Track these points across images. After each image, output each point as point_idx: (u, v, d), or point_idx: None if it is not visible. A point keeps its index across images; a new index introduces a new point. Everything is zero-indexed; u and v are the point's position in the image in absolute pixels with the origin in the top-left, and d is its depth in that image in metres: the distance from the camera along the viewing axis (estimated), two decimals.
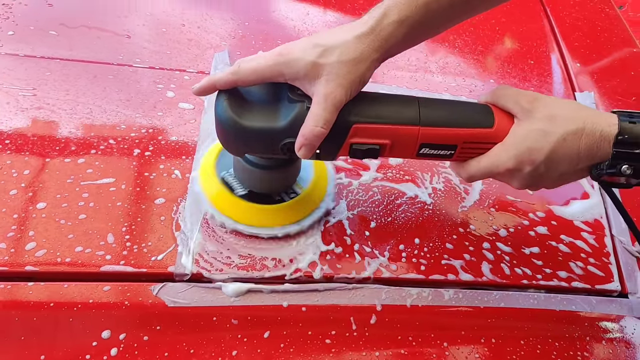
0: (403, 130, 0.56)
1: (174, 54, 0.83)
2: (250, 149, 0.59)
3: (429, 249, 0.68)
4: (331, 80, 0.52)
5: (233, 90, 0.57)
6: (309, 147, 0.55)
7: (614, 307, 0.68)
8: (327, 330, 0.60)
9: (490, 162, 0.58)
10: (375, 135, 0.56)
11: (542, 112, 0.55)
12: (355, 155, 0.58)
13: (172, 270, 0.60)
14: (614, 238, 0.74)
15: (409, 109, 0.57)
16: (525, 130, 0.55)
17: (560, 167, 0.55)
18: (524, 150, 0.55)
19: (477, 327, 0.63)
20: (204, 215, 0.65)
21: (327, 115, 0.53)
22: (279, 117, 0.56)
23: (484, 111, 0.58)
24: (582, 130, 0.54)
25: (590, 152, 0.54)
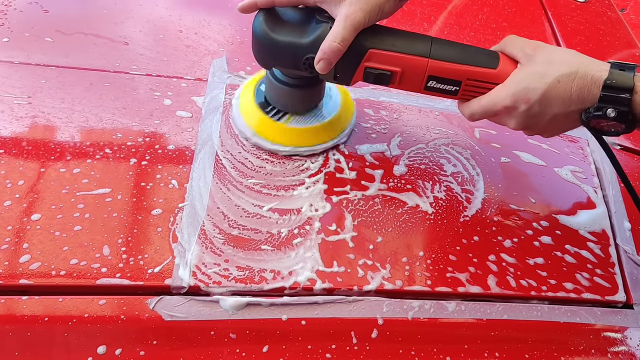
0: (413, 61, 0.62)
1: (172, 60, 0.82)
2: (277, 61, 0.66)
3: (432, 260, 0.66)
4: (354, 3, 0.59)
5: (271, 9, 0.64)
6: (326, 61, 0.61)
7: (619, 319, 0.67)
8: (327, 344, 0.58)
9: (489, 99, 0.62)
10: (387, 61, 0.63)
11: (542, 57, 0.60)
12: (367, 78, 0.64)
13: (169, 283, 0.59)
14: (618, 247, 0.73)
15: (421, 43, 0.63)
16: (525, 73, 0.60)
17: (553, 108, 0.59)
18: (521, 89, 0.60)
19: (480, 341, 0.62)
20: (202, 225, 0.64)
21: (345, 34, 0.59)
22: (305, 35, 0.63)
23: (490, 55, 0.64)
24: (575, 73, 0.58)
25: (581, 94, 0.58)
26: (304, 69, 0.65)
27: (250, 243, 0.64)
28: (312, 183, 0.70)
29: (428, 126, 0.81)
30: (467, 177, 0.76)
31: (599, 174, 0.82)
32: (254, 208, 0.67)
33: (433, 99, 0.86)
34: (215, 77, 0.81)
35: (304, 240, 0.65)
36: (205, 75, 0.81)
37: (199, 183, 0.68)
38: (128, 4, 0.89)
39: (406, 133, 0.80)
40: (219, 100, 0.78)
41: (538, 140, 0.84)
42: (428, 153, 0.78)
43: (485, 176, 0.76)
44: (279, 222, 0.66)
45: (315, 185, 0.70)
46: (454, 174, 0.76)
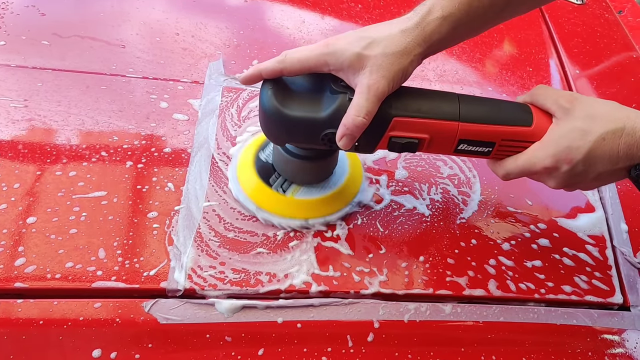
0: (442, 126, 0.57)
1: (168, 63, 0.82)
2: (292, 138, 0.60)
3: (431, 264, 0.66)
4: (375, 71, 0.53)
5: (278, 79, 0.58)
6: (350, 137, 0.56)
7: (616, 321, 0.66)
8: (322, 347, 0.58)
9: (527, 159, 0.58)
10: (414, 129, 0.57)
11: (581, 111, 0.56)
12: (393, 148, 0.59)
13: (165, 286, 0.59)
14: (615, 249, 0.73)
15: (449, 105, 0.58)
16: (565, 129, 0.56)
17: (598, 167, 0.55)
18: (562, 149, 0.55)
19: (476, 343, 0.61)
20: (197, 228, 0.64)
21: (369, 106, 0.54)
22: (321, 108, 0.57)
23: (523, 110, 0.59)
24: (622, 130, 0.54)
25: (629, 152, 0.54)
26: (322, 144, 0.59)
27: (246, 246, 0.64)
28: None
29: None
30: (463, 179, 0.76)
31: None
32: (250, 211, 0.67)
33: None
34: (212, 79, 0.81)
35: (300, 243, 0.65)
36: (201, 78, 0.81)
37: (195, 186, 0.68)
38: (125, 7, 0.89)
39: None
40: (216, 102, 0.78)
41: None
42: (425, 155, 0.78)
43: (481, 178, 0.76)
44: (275, 225, 0.66)
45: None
46: (450, 176, 0.76)
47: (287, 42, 0.90)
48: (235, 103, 0.78)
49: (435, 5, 0.55)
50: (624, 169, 0.56)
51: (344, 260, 0.65)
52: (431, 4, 0.55)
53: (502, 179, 0.62)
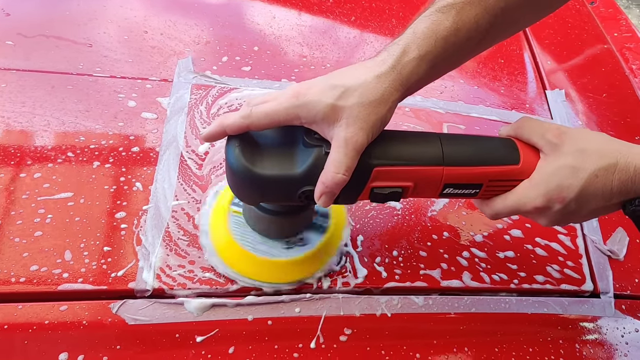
0: (427, 172, 0.53)
1: (136, 62, 0.81)
2: (266, 197, 0.56)
3: (403, 258, 0.66)
4: (351, 123, 0.49)
5: (244, 135, 0.53)
6: (329, 195, 0.51)
7: (586, 308, 0.67)
8: (294, 343, 0.58)
9: (517, 199, 0.55)
10: (397, 177, 0.53)
11: (570, 146, 0.53)
12: (376, 199, 0.55)
13: (133, 286, 0.58)
14: (586, 238, 0.74)
15: (431, 148, 0.54)
16: (554, 167, 0.53)
17: (592, 204, 0.53)
18: (553, 188, 0.53)
19: (449, 335, 0.62)
20: (166, 227, 0.63)
21: (349, 162, 0.50)
22: (296, 164, 0.52)
23: (508, 146, 0.56)
24: (615, 165, 0.51)
25: (624, 187, 0.51)
26: (299, 202, 0.54)
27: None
28: None
29: (396, 122, 0.81)
30: None
31: None
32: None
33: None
34: (181, 77, 0.80)
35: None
36: (170, 76, 0.80)
37: (163, 185, 0.67)
38: (92, 5, 0.88)
39: None
40: (184, 100, 0.77)
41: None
42: None
43: None
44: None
45: None
46: None
47: (258, 38, 0.90)
48: (204, 100, 0.77)
49: (410, 44, 0.51)
50: (618, 204, 0.54)
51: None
52: (405, 44, 0.51)
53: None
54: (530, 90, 0.96)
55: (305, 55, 0.90)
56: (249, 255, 0.62)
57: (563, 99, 0.94)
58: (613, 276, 0.71)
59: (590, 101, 0.96)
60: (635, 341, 0.66)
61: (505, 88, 0.94)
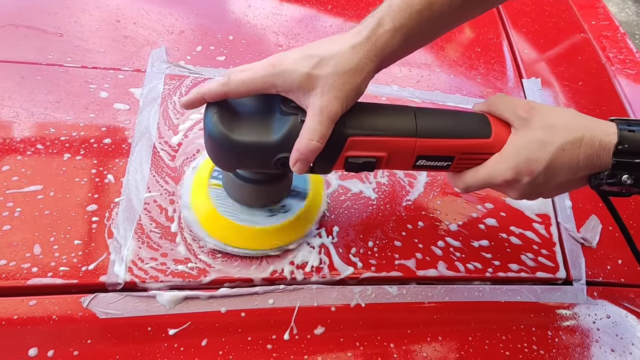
0: (400, 143, 0.55)
1: (108, 52, 0.80)
2: (242, 164, 0.57)
3: (378, 248, 0.66)
4: (326, 92, 0.50)
5: (222, 102, 0.54)
6: (304, 162, 0.53)
7: (559, 295, 0.68)
8: (267, 335, 0.58)
9: (487, 173, 0.57)
10: (371, 147, 0.55)
11: (539, 121, 0.55)
12: (350, 168, 0.56)
13: (104, 280, 0.57)
14: (559, 225, 0.74)
15: (405, 120, 0.55)
16: (524, 141, 0.55)
17: (559, 177, 0.55)
18: (522, 161, 0.54)
19: (422, 325, 0.62)
20: (138, 219, 0.62)
21: (323, 129, 0.51)
22: (272, 131, 0.53)
23: (480, 121, 0.57)
24: (581, 140, 0.53)
25: (589, 161, 0.53)
26: (275, 169, 0.56)
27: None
28: None
29: None
30: None
31: None
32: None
33: (376, 84, 0.86)
34: (154, 67, 0.79)
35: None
36: (143, 66, 0.79)
37: (135, 177, 0.66)
38: None
39: None
40: (158, 91, 0.76)
41: None
42: None
43: None
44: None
45: None
46: None
47: (233, 27, 0.88)
48: (177, 91, 0.76)
49: (384, 17, 0.52)
50: (585, 178, 0.55)
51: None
52: (380, 16, 0.52)
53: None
54: (506, 78, 0.96)
55: (281, 44, 0.89)
56: (233, 224, 0.63)
57: (539, 88, 0.94)
58: (586, 263, 0.71)
59: (566, 89, 0.97)
60: (606, 327, 0.67)
61: (481, 77, 0.94)
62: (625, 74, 1.03)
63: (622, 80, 1.02)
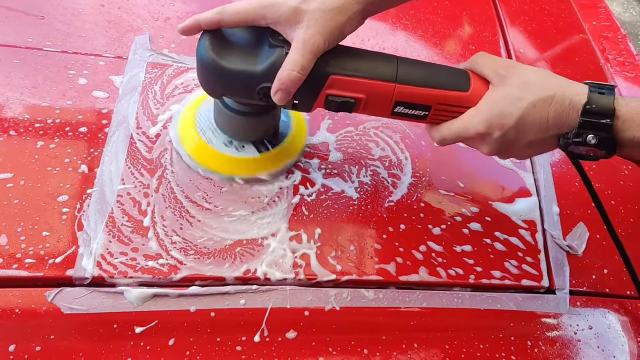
0: (379, 87, 0.57)
1: (90, 37, 0.77)
2: (227, 90, 0.60)
3: (357, 250, 0.64)
4: (311, 26, 0.54)
5: (217, 31, 0.58)
6: (284, 92, 0.56)
7: (540, 304, 0.66)
8: (237, 336, 0.56)
9: (461, 125, 0.59)
10: (351, 88, 0.57)
11: (515, 78, 0.56)
12: (329, 107, 0.59)
13: (71, 274, 0.56)
14: (545, 232, 0.72)
15: (386, 66, 0.58)
16: (498, 96, 0.57)
17: (529, 134, 0.56)
18: (495, 115, 0.56)
19: (398, 331, 0.60)
20: (110, 212, 0.60)
21: (305, 61, 0.54)
22: (258, 61, 0.57)
23: (461, 75, 0.59)
24: (552, 97, 0.55)
25: (558, 120, 0.55)
26: (258, 99, 0.59)
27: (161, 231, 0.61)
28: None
29: None
30: (394, 161, 0.74)
31: (532, 157, 0.80)
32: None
33: None
34: (137, 55, 0.77)
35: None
36: (126, 53, 0.77)
37: (110, 167, 0.64)
38: None
39: (337, 116, 0.77)
40: (139, 79, 0.74)
41: None
42: (357, 137, 0.75)
43: (413, 160, 0.75)
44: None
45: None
46: (381, 157, 0.74)
47: None
48: (159, 80, 0.74)
49: None
50: (554, 137, 0.57)
51: (265, 240, 0.63)
52: None
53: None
54: None
55: None
56: (221, 155, 0.67)
57: None
58: (570, 272, 0.70)
59: None
60: (588, 338, 0.65)
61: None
62: (623, 77, 1.01)
63: (620, 83, 1.00)
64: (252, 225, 0.63)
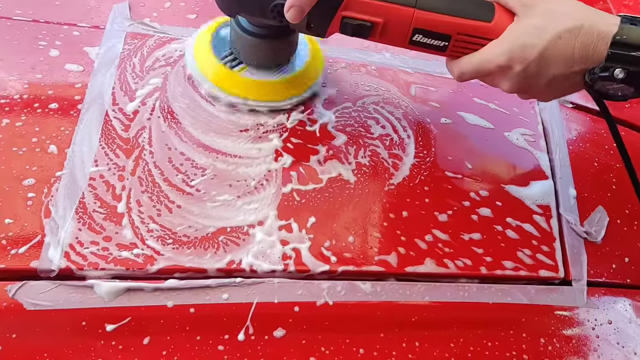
0: (397, 10, 0.55)
1: (65, 4, 0.71)
2: (242, 8, 0.58)
3: (356, 239, 0.59)
4: None
5: None
6: (297, 9, 0.54)
7: (555, 297, 0.60)
8: (219, 334, 0.51)
9: (481, 57, 0.56)
10: (368, 11, 0.55)
11: (541, 8, 0.53)
12: (345, 30, 0.57)
13: (36, 265, 0.50)
14: (561, 217, 0.66)
15: None
16: (522, 27, 0.53)
17: (553, 69, 0.53)
18: (516, 47, 0.53)
19: (398, 328, 0.55)
20: (81, 197, 0.55)
21: None
22: None
23: (485, 5, 0.56)
24: (580, 28, 0.51)
25: (585, 52, 0.51)
26: (272, 17, 0.57)
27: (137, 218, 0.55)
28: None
29: (357, 82, 0.72)
30: (396, 140, 0.67)
31: (547, 136, 0.74)
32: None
33: (365, 51, 0.77)
34: (115, 24, 0.70)
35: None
36: (103, 23, 0.70)
37: (82, 148, 0.58)
38: None
39: (337, 86, 0.71)
40: (116, 51, 0.67)
41: (485, 99, 0.75)
42: (355, 113, 0.69)
43: (416, 139, 0.68)
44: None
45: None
46: (381, 136, 0.67)
47: None
48: (139, 51, 0.68)
49: None
50: (579, 74, 0.53)
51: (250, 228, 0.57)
52: None
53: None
54: None
55: None
56: (240, 78, 0.65)
57: None
58: (588, 261, 0.64)
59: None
60: (607, 334, 0.60)
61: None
62: None
63: None
64: (238, 212, 0.58)
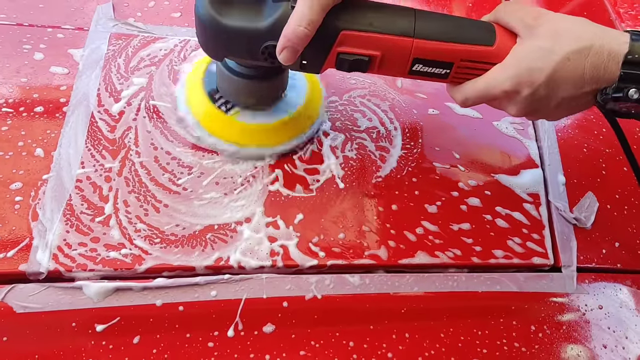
0: (395, 42, 0.52)
1: (49, 7, 0.71)
2: (230, 51, 0.55)
3: (346, 234, 0.59)
4: None
5: None
6: (291, 50, 0.50)
7: (545, 284, 0.60)
8: (208, 331, 0.51)
9: (486, 83, 0.53)
10: (364, 44, 0.52)
11: (546, 28, 0.51)
12: (341, 66, 0.54)
13: (24, 268, 0.51)
14: (550, 204, 0.66)
15: (403, 19, 0.52)
16: (527, 49, 0.51)
17: (562, 91, 0.51)
18: (523, 71, 0.51)
19: (387, 320, 0.55)
20: (68, 199, 0.55)
21: (312, 16, 0.48)
22: (262, 17, 0.52)
23: (485, 28, 0.54)
24: (589, 48, 0.49)
25: (596, 73, 0.49)
26: (262, 59, 0.54)
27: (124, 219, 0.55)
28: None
29: (343, 75, 0.72)
30: (383, 133, 0.67)
31: (535, 123, 0.74)
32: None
33: None
34: (99, 25, 0.70)
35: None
36: (87, 24, 0.70)
37: (68, 150, 0.59)
38: None
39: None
40: (101, 52, 0.67)
41: None
42: (341, 107, 0.69)
43: (404, 130, 0.68)
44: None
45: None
46: (368, 129, 0.67)
47: None
48: (123, 52, 0.68)
49: None
50: (590, 94, 0.51)
51: (238, 225, 0.57)
52: None
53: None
54: None
55: None
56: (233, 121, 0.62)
57: None
58: (578, 247, 0.64)
59: None
60: (598, 319, 0.60)
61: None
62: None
63: None
64: (225, 209, 0.58)
